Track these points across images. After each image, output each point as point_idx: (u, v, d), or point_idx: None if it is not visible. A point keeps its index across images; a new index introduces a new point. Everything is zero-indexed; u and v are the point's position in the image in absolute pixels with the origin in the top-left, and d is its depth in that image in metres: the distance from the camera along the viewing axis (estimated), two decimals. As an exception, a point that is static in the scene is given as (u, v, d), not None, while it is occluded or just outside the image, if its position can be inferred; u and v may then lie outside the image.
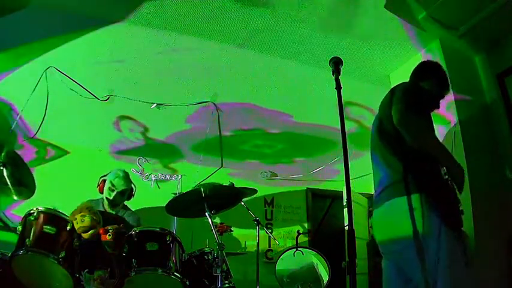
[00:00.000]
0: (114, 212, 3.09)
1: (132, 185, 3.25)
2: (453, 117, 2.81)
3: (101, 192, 3.13)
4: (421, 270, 1.59)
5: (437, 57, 2.98)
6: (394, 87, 1.92)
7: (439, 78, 2.12)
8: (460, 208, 1.73)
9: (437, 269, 1.57)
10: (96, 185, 3.19)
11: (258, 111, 3.98)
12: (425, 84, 2.07)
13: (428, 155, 1.75)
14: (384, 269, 1.89)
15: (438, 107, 2.12)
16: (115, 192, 3.05)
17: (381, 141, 1.91)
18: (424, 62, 2.25)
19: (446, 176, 1.75)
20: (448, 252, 1.59)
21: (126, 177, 3.17)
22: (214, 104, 3.85)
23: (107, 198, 3.07)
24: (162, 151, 4.40)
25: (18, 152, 2.82)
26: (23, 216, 2.24)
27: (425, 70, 2.15)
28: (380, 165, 1.90)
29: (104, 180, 3.14)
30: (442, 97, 2.15)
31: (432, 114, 2.03)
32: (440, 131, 2.88)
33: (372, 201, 2.01)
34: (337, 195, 4.92)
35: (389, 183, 1.80)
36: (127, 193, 3.16)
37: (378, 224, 1.91)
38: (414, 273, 1.64)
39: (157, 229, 2.39)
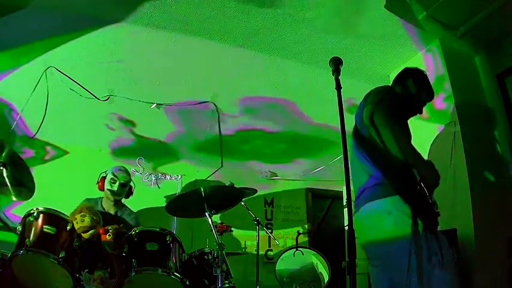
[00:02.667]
0: (113, 209, 3.09)
1: (132, 183, 3.26)
2: (453, 117, 2.80)
3: (101, 189, 3.12)
4: (406, 273, 1.58)
5: (438, 57, 2.98)
6: (368, 92, 1.91)
7: (417, 82, 2.06)
8: (436, 210, 1.70)
9: (421, 272, 1.56)
10: (96, 182, 3.18)
11: (257, 111, 3.98)
12: (400, 87, 2.05)
13: (401, 158, 1.70)
14: (371, 278, 1.87)
15: (418, 113, 2.10)
16: (117, 183, 3.06)
17: (357, 145, 1.90)
18: (405, 68, 2.19)
19: (419, 178, 1.71)
20: (430, 255, 1.58)
21: (127, 171, 3.22)
22: (214, 104, 3.85)
23: (109, 190, 3.06)
24: (162, 151, 4.40)
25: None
26: (23, 216, 2.24)
27: (403, 74, 2.12)
28: (358, 168, 1.88)
29: (104, 177, 3.14)
30: (423, 103, 2.11)
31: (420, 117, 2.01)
32: (440, 131, 2.88)
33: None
34: (337, 195, 4.92)
35: (367, 186, 1.80)
36: (128, 186, 3.18)
37: (360, 227, 1.85)
38: (401, 276, 1.62)
39: (157, 229, 2.40)
